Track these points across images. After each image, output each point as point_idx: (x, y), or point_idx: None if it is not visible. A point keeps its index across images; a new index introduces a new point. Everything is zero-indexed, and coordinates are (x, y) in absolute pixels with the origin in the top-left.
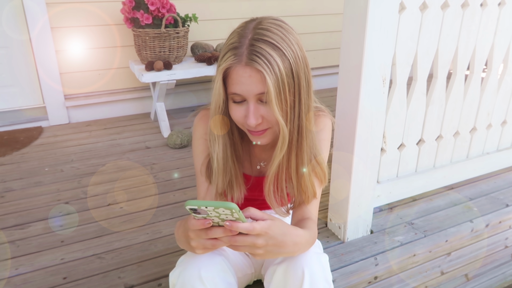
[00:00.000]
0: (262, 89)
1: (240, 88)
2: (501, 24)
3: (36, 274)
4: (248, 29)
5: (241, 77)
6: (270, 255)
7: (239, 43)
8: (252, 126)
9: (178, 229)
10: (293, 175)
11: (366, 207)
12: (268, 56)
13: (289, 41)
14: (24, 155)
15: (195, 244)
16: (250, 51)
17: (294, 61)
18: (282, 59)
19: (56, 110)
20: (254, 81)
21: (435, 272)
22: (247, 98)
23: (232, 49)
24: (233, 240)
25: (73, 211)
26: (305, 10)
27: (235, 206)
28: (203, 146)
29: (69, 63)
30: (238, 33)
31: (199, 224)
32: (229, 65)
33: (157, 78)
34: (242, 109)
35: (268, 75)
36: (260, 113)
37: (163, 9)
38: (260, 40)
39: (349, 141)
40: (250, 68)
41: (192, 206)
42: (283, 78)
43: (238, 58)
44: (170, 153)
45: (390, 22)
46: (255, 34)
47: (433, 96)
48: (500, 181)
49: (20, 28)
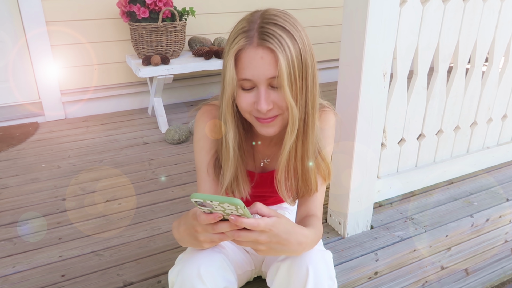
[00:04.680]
0: (274, 72)
1: (251, 72)
2: (502, 17)
3: (34, 272)
4: (256, 16)
5: (253, 59)
6: (273, 252)
7: (249, 27)
8: (263, 111)
9: (178, 228)
10: (298, 165)
11: (366, 202)
12: (279, 37)
13: (296, 27)
14: (20, 151)
15: (203, 238)
16: (261, 32)
17: (303, 46)
18: (292, 41)
19: (52, 106)
20: (266, 63)
21: (435, 267)
22: (258, 83)
23: (242, 32)
24: (236, 235)
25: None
26: (305, 4)
27: (240, 202)
28: (207, 143)
29: (65, 58)
30: (247, 19)
31: (210, 218)
32: (241, 47)
33: (155, 73)
34: (251, 95)
35: (280, 54)
36: (271, 98)
37: (160, 2)
38: (270, 23)
39: (349, 136)
40: (262, 49)
41: (198, 199)
42: (293, 60)
43: (249, 40)
44: (168, 148)
45: (391, 16)
46: (264, 18)
47: (434, 90)
48: (500, 175)
49: (15, 22)
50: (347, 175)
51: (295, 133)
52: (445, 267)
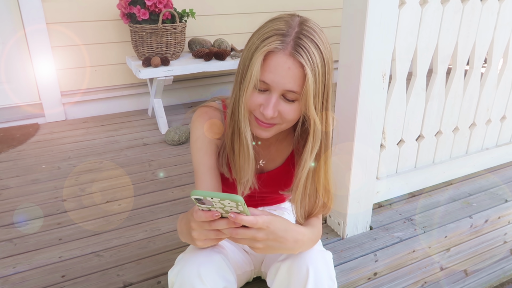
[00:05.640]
0: (293, 87)
1: (272, 78)
2: (501, 18)
3: (34, 273)
4: (295, 22)
5: (280, 66)
6: (270, 250)
7: (287, 31)
8: (267, 117)
9: (181, 221)
10: (321, 182)
11: (365, 203)
12: (312, 54)
13: (327, 47)
14: (20, 152)
15: (196, 235)
16: (297, 43)
17: (328, 66)
18: (321, 61)
19: (52, 107)
20: (290, 75)
21: (434, 268)
22: (272, 90)
23: (278, 34)
24: (234, 233)
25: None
26: (304, 5)
27: (241, 199)
28: (205, 144)
29: (65, 59)
30: (286, 22)
31: (207, 216)
32: (273, 49)
33: (155, 74)
34: (262, 97)
35: (309, 70)
36: (278, 107)
37: (160, 4)
38: (307, 37)
39: (349, 137)
40: (293, 60)
41: (197, 196)
42: (320, 79)
43: (284, 45)
44: (168, 149)
45: (390, 17)
46: (302, 29)
47: (433, 91)
48: (499, 176)
49: (15, 23)
50: (347, 176)
51: (315, 151)
52: (444, 268)
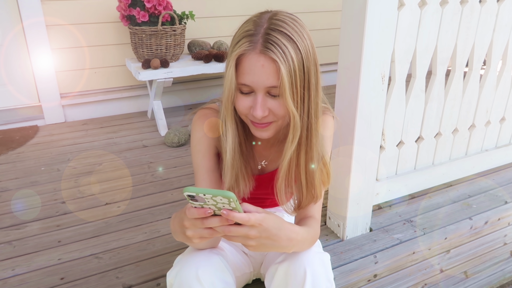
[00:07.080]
0: (273, 82)
1: (250, 79)
2: (500, 20)
3: (33, 275)
4: (264, 19)
5: (254, 66)
6: (263, 248)
7: (255, 30)
8: (258, 118)
9: (173, 221)
10: (302, 173)
11: (365, 205)
12: (283, 47)
13: (303, 36)
14: (19, 154)
15: (191, 234)
16: (266, 39)
17: (306, 56)
18: (296, 52)
19: (52, 109)
20: (266, 72)
21: (434, 270)
22: (256, 90)
23: (246, 36)
24: (227, 230)
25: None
26: (303, 7)
27: (233, 195)
28: (204, 146)
29: (64, 61)
30: (254, 22)
31: (200, 213)
32: (243, 51)
33: (154, 76)
34: (249, 100)
35: (282, 65)
36: (267, 105)
37: (160, 6)
38: (276, 30)
39: (349, 139)
40: (264, 57)
41: (190, 192)
42: (295, 71)
43: (252, 45)
44: (167, 151)
45: (389, 19)
46: (271, 24)
47: (432, 93)
48: (499, 178)
49: (15, 25)
50: (346, 178)
51: (296, 142)
52: (444, 269)
